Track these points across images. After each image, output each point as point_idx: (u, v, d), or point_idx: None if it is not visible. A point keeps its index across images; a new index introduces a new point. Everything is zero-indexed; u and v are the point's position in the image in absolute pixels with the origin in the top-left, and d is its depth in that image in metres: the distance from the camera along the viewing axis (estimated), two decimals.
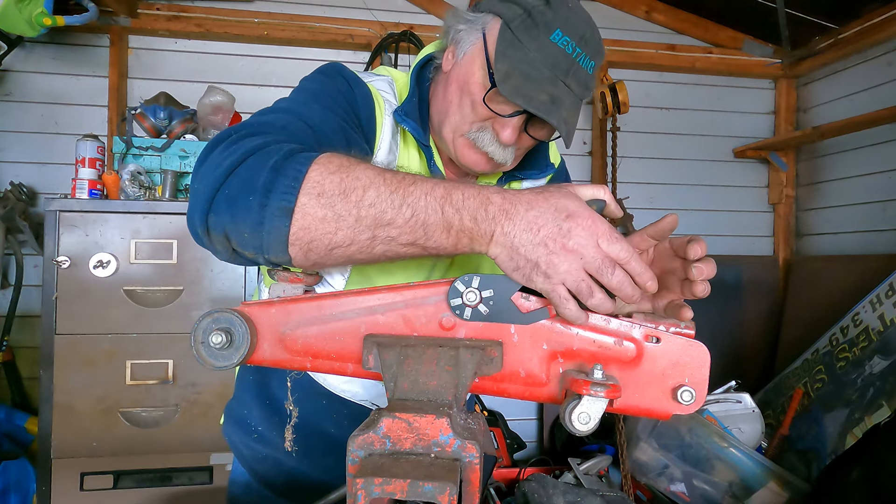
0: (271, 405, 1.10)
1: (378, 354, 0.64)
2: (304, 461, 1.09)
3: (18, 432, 2.44)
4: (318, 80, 0.95)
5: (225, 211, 0.68)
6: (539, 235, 0.66)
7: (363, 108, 0.95)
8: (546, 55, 0.88)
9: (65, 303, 2.04)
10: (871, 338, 2.29)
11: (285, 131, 0.78)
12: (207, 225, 0.69)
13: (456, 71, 0.97)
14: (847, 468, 1.84)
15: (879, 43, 2.71)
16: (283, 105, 0.88)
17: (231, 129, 0.77)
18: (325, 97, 0.90)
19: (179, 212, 2.12)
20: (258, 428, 1.11)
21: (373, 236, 0.68)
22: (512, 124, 0.93)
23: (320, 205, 0.66)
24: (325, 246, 0.68)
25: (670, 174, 3.22)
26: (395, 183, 0.68)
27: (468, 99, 0.94)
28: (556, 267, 0.65)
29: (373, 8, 2.89)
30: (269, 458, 1.11)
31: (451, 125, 0.97)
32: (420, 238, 0.68)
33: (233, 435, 1.16)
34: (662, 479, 2.29)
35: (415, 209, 0.67)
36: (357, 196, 0.67)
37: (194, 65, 2.81)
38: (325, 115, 0.86)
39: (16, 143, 2.66)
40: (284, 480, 1.11)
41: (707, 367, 0.68)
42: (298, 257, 0.69)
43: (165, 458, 2.10)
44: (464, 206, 0.67)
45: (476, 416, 0.65)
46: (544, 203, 0.67)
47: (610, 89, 2.72)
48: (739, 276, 3.11)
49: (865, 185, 2.84)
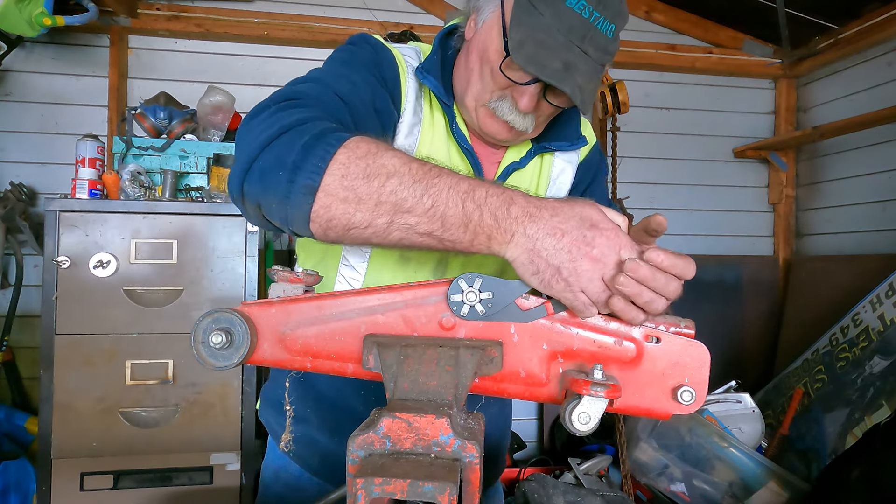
0: (306, 382, 1.11)
1: (378, 354, 0.64)
2: (334, 439, 1.10)
3: (18, 432, 2.44)
4: (346, 49, 0.99)
5: (257, 182, 0.73)
6: (563, 241, 0.66)
7: (388, 70, 0.98)
8: (561, 20, 0.86)
9: (65, 303, 2.04)
10: (871, 338, 2.29)
11: (320, 102, 0.83)
12: (243, 191, 0.75)
13: (476, 39, 0.97)
14: (847, 468, 1.84)
15: (879, 43, 2.71)
16: (316, 75, 0.91)
17: (271, 98, 0.82)
18: (353, 65, 0.94)
19: (179, 212, 2.12)
20: (292, 406, 1.12)
21: (390, 221, 0.69)
22: (529, 92, 0.93)
23: (343, 186, 0.69)
24: (343, 225, 0.70)
25: (670, 174, 3.22)
26: (420, 173, 0.69)
27: (487, 67, 0.94)
28: (579, 275, 0.66)
29: (373, 8, 2.89)
30: (304, 437, 1.11)
31: (473, 94, 0.98)
32: (437, 229, 0.68)
33: (269, 417, 1.18)
34: (662, 479, 2.29)
35: (435, 200, 0.68)
36: (380, 182, 0.68)
37: (194, 65, 2.81)
38: (354, 87, 0.90)
39: (16, 143, 2.66)
40: (319, 460, 1.12)
41: (707, 367, 0.68)
42: (318, 233, 0.73)
43: (165, 458, 2.10)
44: (486, 203, 0.67)
45: (476, 416, 0.65)
46: (569, 210, 0.68)
47: (610, 89, 2.72)
48: (739, 276, 3.11)
49: (865, 184, 2.84)
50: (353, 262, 1.02)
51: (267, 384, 1.23)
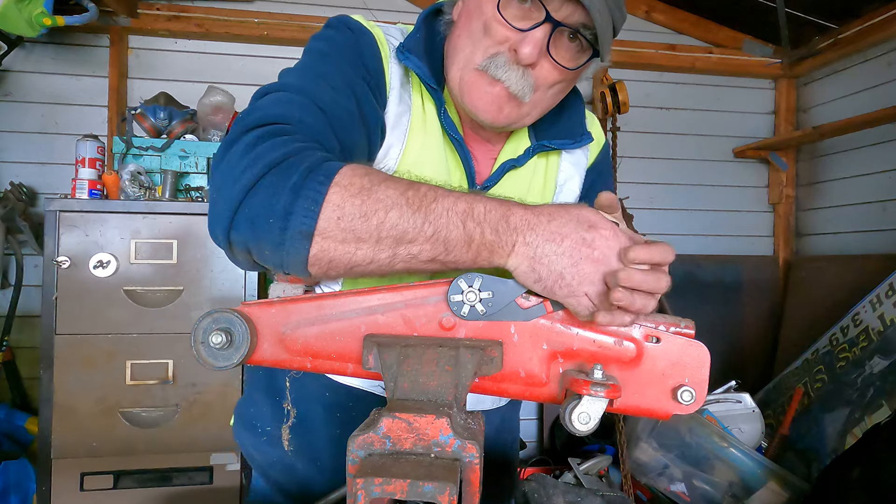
0: (281, 402, 1.00)
1: (378, 354, 0.64)
2: (311, 467, 1.01)
3: (18, 432, 2.44)
4: (325, 38, 0.89)
5: (247, 230, 0.68)
6: (562, 246, 0.66)
7: (370, 59, 0.88)
8: None
9: (65, 303, 2.04)
10: (871, 338, 2.29)
11: (302, 125, 0.75)
12: (230, 240, 0.70)
13: (466, 8, 0.89)
14: (847, 468, 1.84)
15: (879, 43, 2.71)
16: (293, 81, 0.81)
17: (245, 122, 0.73)
18: (333, 59, 0.85)
19: (179, 212, 2.12)
20: (266, 428, 1.03)
21: (393, 255, 0.67)
22: (533, 38, 0.81)
23: (340, 228, 0.66)
24: (345, 265, 0.68)
25: (670, 174, 3.22)
26: (416, 200, 0.67)
27: (479, 23, 0.84)
28: (582, 279, 0.66)
29: (373, 8, 2.89)
30: (279, 463, 1.02)
31: (461, 61, 0.87)
32: (440, 254, 0.67)
33: (243, 438, 1.08)
34: (662, 479, 2.29)
35: (436, 227, 0.66)
36: (378, 219, 0.66)
37: (194, 65, 2.81)
38: (335, 93, 0.81)
39: (16, 143, 2.66)
40: (298, 488, 1.03)
41: (707, 366, 0.68)
42: (319, 274, 0.70)
43: (165, 458, 2.10)
44: (485, 220, 0.67)
45: (476, 416, 0.65)
46: (566, 214, 0.68)
47: (610, 89, 2.72)
48: (739, 276, 3.11)
49: (865, 184, 2.84)
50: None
51: (241, 400, 1.13)
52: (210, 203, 0.71)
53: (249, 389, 1.11)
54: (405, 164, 0.90)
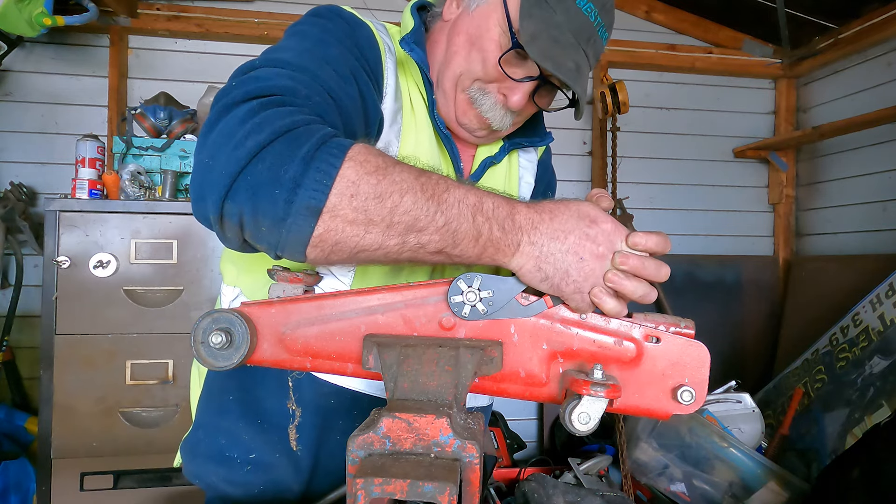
0: (266, 422, 0.93)
1: (378, 354, 0.64)
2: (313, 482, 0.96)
3: (18, 432, 2.44)
4: (317, 24, 0.83)
5: (246, 200, 0.61)
6: (567, 243, 0.66)
7: (369, 50, 0.86)
8: (571, 20, 0.83)
9: (65, 303, 2.04)
10: (872, 338, 2.29)
11: (310, 102, 0.69)
12: (222, 211, 0.63)
13: (466, 21, 0.90)
14: (847, 468, 1.84)
15: (879, 43, 2.71)
16: (290, 59, 0.74)
17: (246, 89, 0.66)
18: (332, 46, 0.80)
19: (179, 212, 2.12)
20: (250, 456, 0.94)
21: (402, 242, 0.64)
22: (523, 89, 0.88)
23: (352, 207, 0.61)
24: (350, 249, 0.63)
25: (670, 174, 3.22)
26: (430, 188, 0.64)
27: (479, 55, 0.88)
28: (587, 273, 0.66)
29: (373, 8, 2.89)
30: (270, 489, 0.95)
31: (454, 76, 0.91)
32: (448, 246, 0.65)
33: (208, 475, 0.98)
34: (662, 479, 2.29)
35: (448, 217, 0.64)
36: (393, 202, 0.62)
37: (194, 65, 2.81)
38: (341, 79, 0.77)
39: (16, 143, 2.66)
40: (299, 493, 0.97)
41: (707, 366, 0.68)
42: (318, 258, 0.64)
43: (165, 458, 2.10)
44: (493, 216, 0.66)
45: (476, 416, 0.65)
46: (566, 210, 0.68)
47: (610, 89, 2.72)
48: (739, 276, 3.11)
49: (865, 185, 2.84)
50: (336, 273, 0.89)
51: (194, 434, 1.02)
52: (199, 170, 0.64)
53: (211, 420, 1.00)
54: None
